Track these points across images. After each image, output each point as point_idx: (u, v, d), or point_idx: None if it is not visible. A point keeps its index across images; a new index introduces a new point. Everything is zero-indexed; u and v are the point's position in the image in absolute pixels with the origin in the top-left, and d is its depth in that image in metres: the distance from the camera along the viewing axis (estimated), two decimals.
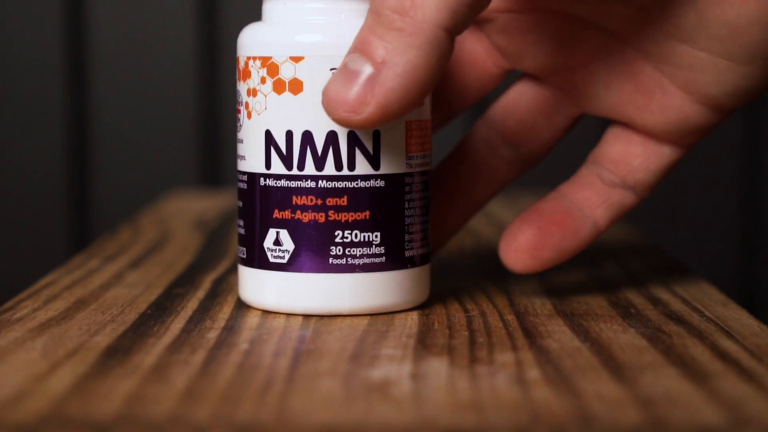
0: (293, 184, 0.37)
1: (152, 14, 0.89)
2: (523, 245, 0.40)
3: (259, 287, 0.38)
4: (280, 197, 0.37)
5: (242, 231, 0.38)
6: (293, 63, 0.36)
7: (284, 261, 0.37)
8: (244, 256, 0.38)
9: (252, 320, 0.37)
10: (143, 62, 0.89)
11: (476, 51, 0.41)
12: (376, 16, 0.34)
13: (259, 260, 0.38)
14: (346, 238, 0.37)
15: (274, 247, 0.37)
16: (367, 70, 0.34)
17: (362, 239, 0.37)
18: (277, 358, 0.32)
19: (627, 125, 0.40)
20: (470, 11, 0.34)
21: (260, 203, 0.38)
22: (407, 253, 0.38)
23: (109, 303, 0.39)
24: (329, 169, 0.36)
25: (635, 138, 0.40)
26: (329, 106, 0.34)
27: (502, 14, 0.39)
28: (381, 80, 0.33)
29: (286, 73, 0.36)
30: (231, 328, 0.36)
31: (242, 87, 0.38)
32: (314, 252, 0.37)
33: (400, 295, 0.38)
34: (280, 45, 0.37)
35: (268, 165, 0.37)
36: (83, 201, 0.90)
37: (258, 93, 0.37)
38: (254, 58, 0.37)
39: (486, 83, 0.41)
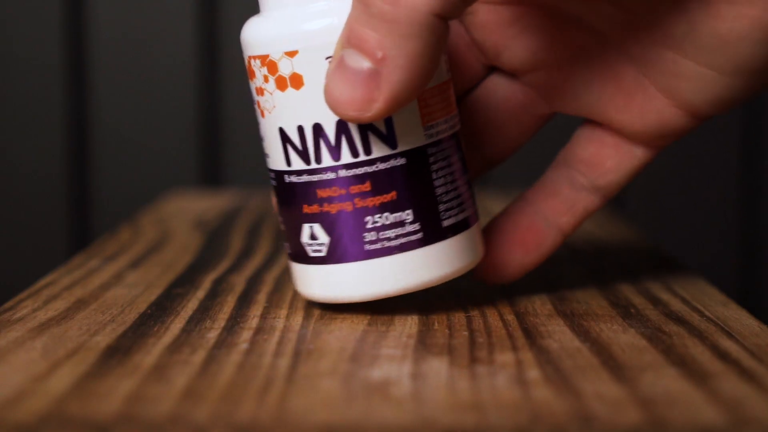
0: (315, 177, 0.36)
1: (152, 14, 0.89)
2: (487, 265, 0.40)
3: (306, 281, 0.38)
4: (305, 192, 0.37)
5: (283, 227, 0.38)
6: (289, 58, 0.36)
7: (323, 254, 0.37)
8: (290, 251, 0.38)
9: (252, 320, 0.37)
10: (143, 62, 0.89)
11: (457, 45, 0.40)
12: (365, 8, 0.33)
13: (301, 256, 0.37)
14: (377, 222, 0.36)
15: (311, 242, 0.37)
16: (368, 66, 0.33)
17: (394, 221, 0.36)
18: (277, 358, 0.32)
19: (602, 125, 0.40)
20: None
21: (290, 200, 0.37)
22: (445, 223, 0.37)
23: (109, 303, 0.39)
24: (346, 157, 0.36)
25: (608, 139, 0.40)
26: (335, 106, 0.34)
27: (483, 6, 0.39)
28: (385, 76, 0.33)
29: (285, 69, 0.36)
30: (231, 328, 0.36)
31: (252, 86, 0.38)
32: (350, 241, 0.36)
33: (446, 266, 0.37)
34: (274, 41, 0.36)
35: (288, 162, 0.37)
36: (83, 201, 0.90)
37: (265, 92, 0.37)
38: (255, 57, 0.37)
39: (467, 80, 0.41)
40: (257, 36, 0.37)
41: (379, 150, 0.36)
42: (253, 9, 0.89)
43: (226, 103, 0.90)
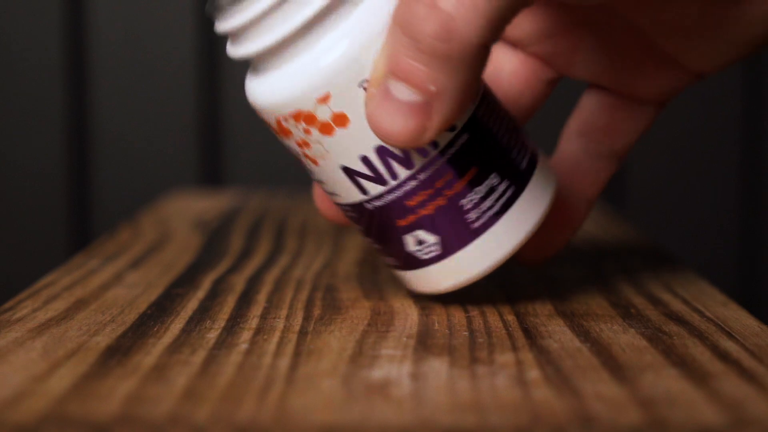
0: (398, 193, 0.36)
1: (152, 14, 0.89)
2: (528, 247, 0.42)
3: (430, 281, 0.38)
4: (394, 209, 0.36)
5: (378, 246, 0.38)
6: (324, 104, 0.35)
7: (439, 252, 0.37)
8: (398, 264, 0.38)
9: (252, 320, 0.37)
10: (143, 62, 0.89)
11: None
12: (413, 42, 0.32)
13: (415, 262, 0.37)
14: (474, 200, 0.36)
15: (421, 247, 0.37)
16: (418, 98, 0.33)
17: (486, 191, 0.36)
18: (277, 359, 0.32)
19: (610, 90, 0.40)
20: (506, 23, 0.33)
21: (379, 222, 0.37)
22: (522, 165, 0.37)
23: (109, 303, 0.39)
24: (417, 161, 0.36)
25: (619, 103, 0.40)
26: (387, 137, 0.33)
27: None
28: (437, 107, 0.33)
29: (324, 114, 0.35)
30: (231, 329, 0.36)
31: (289, 142, 0.37)
32: (458, 230, 0.36)
33: (543, 198, 0.38)
34: (302, 94, 0.35)
35: (364, 191, 0.36)
36: (83, 201, 0.90)
37: (310, 144, 0.36)
38: (285, 118, 0.36)
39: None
40: (280, 96, 0.35)
41: (443, 139, 0.36)
42: None
43: (226, 103, 0.90)
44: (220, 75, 0.90)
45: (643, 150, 0.90)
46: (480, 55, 0.33)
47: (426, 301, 0.40)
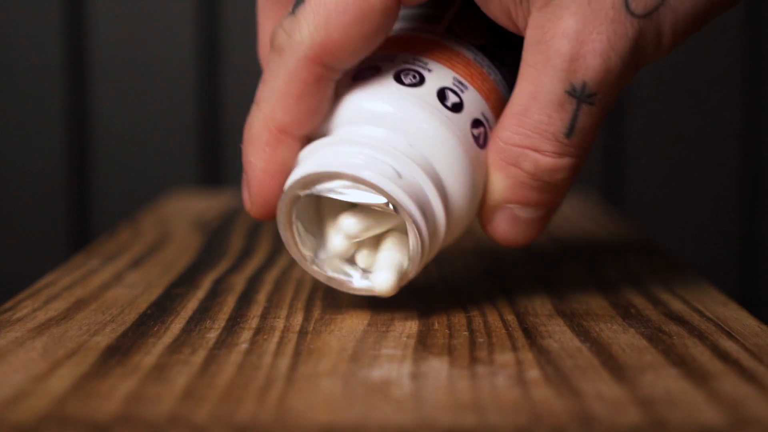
0: None
1: (152, 14, 0.89)
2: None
3: None
4: None
5: None
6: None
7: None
8: None
9: (252, 320, 0.37)
10: (143, 62, 0.89)
11: None
12: (530, 178, 0.36)
13: None
14: None
15: None
16: (541, 213, 0.38)
17: None
18: (277, 358, 0.32)
19: None
20: None
21: None
22: None
23: (109, 303, 0.39)
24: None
25: None
26: (511, 245, 0.38)
27: None
28: (551, 216, 0.38)
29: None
30: (231, 328, 0.36)
31: None
32: None
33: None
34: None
35: None
36: (83, 201, 0.90)
37: None
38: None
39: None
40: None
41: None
42: (253, 8, 0.89)
43: (226, 103, 0.90)
44: (220, 75, 0.90)
45: (642, 150, 0.90)
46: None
47: (426, 301, 0.40)
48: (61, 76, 0.89)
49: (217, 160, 0.90)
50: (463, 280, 0.44)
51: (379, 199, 0.35)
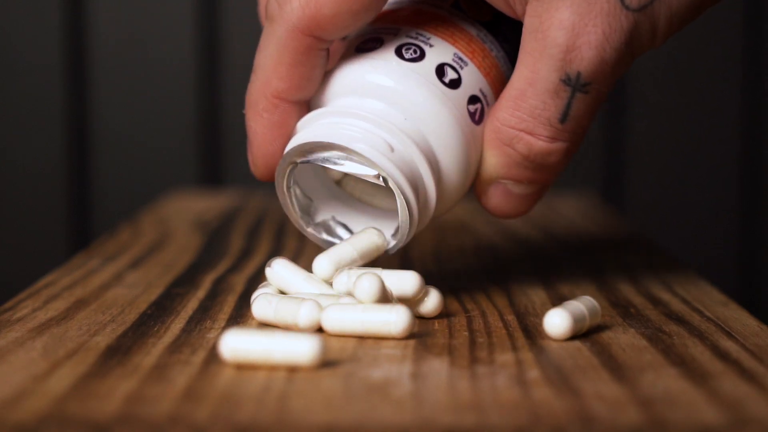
0: None
1: (152, 14, 0.89)
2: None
3: None
4: None
5: None
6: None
7: None
8: None
9: (252, 320, 0.37)
10: (143, 62, 0.89)
11: None
12: (524, 160, 0.37)
13: None
14: None
15: None
16: (535, 189, 0.39)
17: None
18: None
19: None
20: None
21: None
22: None
23: (109, 303, 0.39)
24: None
25: None
26: (505, 217, 0.39)
27: None
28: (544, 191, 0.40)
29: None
30: (231, 329, 0.36)
31: None
32: None
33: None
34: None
35: None
36: (83, 201, 0.90)
37: None
38: None
39: None
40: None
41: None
42: (252, 8, 0.89)
43: (226, 103, 0.90)
44: (220, 75, 0.90)
45: (642, 150, 0.90)
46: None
47: None
48: (61, 76, 0.89)
49: (217, 160, 0.90)
50: (463, 280, 0.44)
51: (370, 171, 0.36)
